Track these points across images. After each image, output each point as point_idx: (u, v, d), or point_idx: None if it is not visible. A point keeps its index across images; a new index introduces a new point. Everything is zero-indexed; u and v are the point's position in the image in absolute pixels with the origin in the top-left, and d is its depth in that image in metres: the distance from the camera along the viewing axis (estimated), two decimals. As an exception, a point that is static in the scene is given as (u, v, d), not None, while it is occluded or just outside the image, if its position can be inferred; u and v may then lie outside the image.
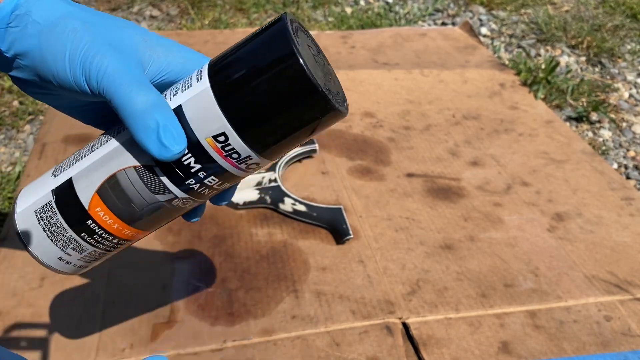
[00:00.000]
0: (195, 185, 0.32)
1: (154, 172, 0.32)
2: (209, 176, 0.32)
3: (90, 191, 0.34)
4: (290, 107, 0.29)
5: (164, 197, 0.33)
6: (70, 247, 0.35)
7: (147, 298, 0.65)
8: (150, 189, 0.33)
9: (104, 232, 0.35)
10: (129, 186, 0.33)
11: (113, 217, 0.34)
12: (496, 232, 0.77)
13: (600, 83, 1.25)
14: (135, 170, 0.32)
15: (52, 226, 0.35)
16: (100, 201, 0.33)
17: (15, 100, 1.09)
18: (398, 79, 1.13)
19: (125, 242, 0.37)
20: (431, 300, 0.66)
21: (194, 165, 0.31)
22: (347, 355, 0.59)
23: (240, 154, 0.31)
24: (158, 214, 0.34)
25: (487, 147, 0.94)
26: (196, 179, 0.32)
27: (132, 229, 0.35)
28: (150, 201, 0.33)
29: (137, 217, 0.34)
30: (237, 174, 0.33)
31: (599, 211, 0.81)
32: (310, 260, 0.71)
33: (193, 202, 0.34)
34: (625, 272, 0.71)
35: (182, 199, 0.33)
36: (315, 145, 0.87)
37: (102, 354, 0.58)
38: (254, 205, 0.77)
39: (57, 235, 0.35)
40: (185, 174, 0.32)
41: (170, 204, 0.34)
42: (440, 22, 1.53)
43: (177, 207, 0.34)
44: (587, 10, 1.57)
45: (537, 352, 0.61)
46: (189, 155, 0.31)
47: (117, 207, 0.33)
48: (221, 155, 0.31)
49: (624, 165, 1.02)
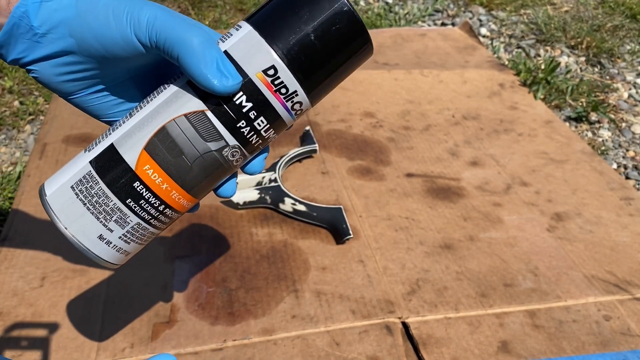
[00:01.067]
0: (245, 129, 0.33)
1: (205, 117, 0.32)
2: (259, 117, 0.33)
3: (137, 149, 0.33)
4: (335, 37, 0.32)
5: (216, 144, 0.33)
6: (113, 220, 0.34)
7: (147, 298, 0.65)
8: (203, 135, 0.32)
9: (151, 196, 0.33)
10: (179, 135, 0.32)
11: (163, 175, 0.33)
12: (496, 232, 0.77)
13: (600, 83, 1.25)
14: (186, 118, 0.32)
15: (93, 197, 0.33)
16: (148, 157, 0.33)
17: (15, 101, 1.09)
18: (398, 79, 1.13)
19: (171, 212, 0.35)
20: (431, 299, 0.66)
21: (246, 104, 0.32)
22: (347, 354, 0.59)
23: (288, 89, 0.32)
24: (207, 169, 0.34)
25: (486, 147, 0.94)
26: (247, 121, 0.33)
27: (180, 189, 0.34)
28: (201, 150, 0.33)
29: (186, 173, 0.33)
30: (284, 115, 0.34)
31: (599, 211, 0.81)
32: (310, 260, 0.71)
33: (241, 154, 0.34)
34: (625, 272, 0.71)
35: (232, 147, 0.33)
36: (315, 145, 0.87)
37: (102, 354, 0.58)
38: (254, 205, 0.78)
39: (98, 207, 0.33)
40: (237, 114, 0.32)
41: (221, 154, 0.33)
42: (440, 23, 1.53)
43: (226, 162, 0.34)
44: (586, 10, 1.57)
45: (536, 352, 0.61)
46: (241, 94, 0.32)
47: (167, 161, 0.33)
48: (271, 90, 0.32)
49: (624, 165, 1.02)
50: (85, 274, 0.67)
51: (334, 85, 0.35)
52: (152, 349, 0.59)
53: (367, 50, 0.34)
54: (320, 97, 0.35)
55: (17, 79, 1.14)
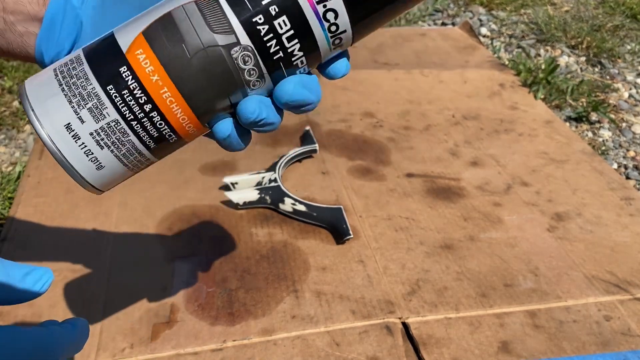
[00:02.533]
0: (262, 27, 0.27)
1: (217, 3, 0.27)
2: (281, 15, 0.27)
3: (134, 33, 0.28)
4: None
5: (224, 38, 0.27)
6: (86, 108, 0.28)
7: (147, 298, 0.65)
8: (210, 22, 0.27)
9: (137, 87, 0.27)
10: (184, 20, 0.27)
11: (155, 63, 0.27)
12: (496, 232, 0.77)
13: (600, 83, 1.25)
14: (195, 4, 0.27)
15: (72, 77, 0.28)
16: (143, 41, 0.27)
17: (15, 101, 1.09)
18: (398, 79, 1.13)
19: (159, 120, 0.29)
20: (431, 300, 0.66)
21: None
22: (347, 355, 0.59)
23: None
24: (210, 69, 0.28)
25: (487, 147, 0.94)
26: (265, 16, 0.27)
27: (173, 88, 0.28)
28: (206, 41, 0.27)
29: (184, 67, 0.28)
30: (313, 24, 0.27)
31: (599, 211, 0.81)
32: (310, 260, 0.71)
33: (254, 64, 0.28)
34: (625, 272, 0.71)
35: (243, 47, 0.27)
36: (315, 145, 0.87)
37: (102, 354, 0.58)
38: (254, 205, 0.77)
39: (74, 88, 0.28)
40: (254, 5, 0.27)
41: (229, 53, 0.27)
42: (440, 22, 1.53)
43: (235, 68, 0.28)
44: (587, 10, 1.57)
45: (536, 352, 0.61)
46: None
47: (164, 48, 0.27)
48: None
49: (624, 165, 1.02)
50: (85, 274, 0.67)
51: (379, 11, 0.28)
52: (152, 349, 0.59)
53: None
54: (362, 23, 0.28)
55: (17, 79, 1.14)
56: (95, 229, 0.74)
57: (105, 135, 0.28)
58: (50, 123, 0.28)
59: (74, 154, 0.28)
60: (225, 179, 0.78)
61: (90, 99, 0.27)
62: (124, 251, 0.71)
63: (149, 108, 0.28)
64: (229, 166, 0.86)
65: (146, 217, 0.76)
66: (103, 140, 0.28)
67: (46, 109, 0.28)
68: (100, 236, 0.73)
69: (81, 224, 0.74)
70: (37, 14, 0.32)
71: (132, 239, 0.73)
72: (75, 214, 0.76)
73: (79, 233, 0.73)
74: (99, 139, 0.28)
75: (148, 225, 0.75)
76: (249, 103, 0.29)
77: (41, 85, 0.28)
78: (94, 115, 0.28)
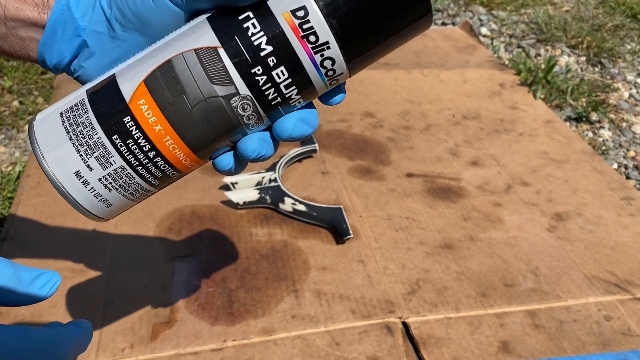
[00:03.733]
0: (261, 78, 0.28)
1: (216, 54, 0.28)
2: (279, 65, 0.28)
3: (136, 81, 0.29)
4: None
5: (224, 89, 0.28)
6: (94, 156, 0.29)
7: (147, 298, 0.65)
8: (210, 74, 0.28)
9: (141, 137, 0.29)
10: (184, 71, 0.28)
11: (158, 114, 0.28)
12: (496, 232, 0.77)
13: (600, 83, 1.25)
14: (195, 53, 0.28)
15: (78, 126, 0.29)
16: (145, 91, 0.28)
17: (15, 100, 1.09)
18: (398, 79, 1.13)
19: (163, 163, 0.30)
20: (431, 299, 0.66)
21: (265, 46, 0.28)
22: (347, 354, 0.59)
23: (318, 37, 0.27)
24: (210, 118, 0.29)
25: (487, 147, 0.94)
26: (264, 67, 0.28)
27: (175, 136, 0.29)
28: (206, 93, 0.28)
29: (185, 117, 0.29)
30: (310, 71, 0.28)
31: (599, 211, 0.81)
32: (310, 260, 0.71)
33: (253, 110, 0.29)
34: (625, 272, 0.71)
35: (242, 97, 0.28)
36: (315, 145, 0.87)
37: (102, 354, 0.58)
38: (254, 205, 0.77)
39: (81, 137, 0.29)
40: (253, 57, 0.28)
41: (229, 103, 0.29)
42: (440, 22, 1.53)
43: (235, 115, 0.29)
44: (587, 10, 1.57)
45: (537, 352, 0.61)
46: (261, 34, 0.27)
47: (165, 99, 0.28)
48: (297, 35, 0.27)
49: (624, 165, 1.02)
50: (85, 274, 0.67)
51: (375, 51, 0.29)
52: (152, 349, 0.59)
53: (426, 20, 0.28)
54: (359, 62, 0.29)
55: (16, 79, 1.14)
56: (95, 229, 0.74)
57: (113, 180, 0.30)
58: (61, 171, 0.29)
59: (85, 198, 0.30)
60: (225, 179, 0.78)
61: (97, 148, 0.29)
62: (124, 251, 0.71)
63: (152, 155, 0.29)
64: (229, 166, 0.86)
65: (146, 217, 0.76)
66: (111, 184, 0.30)
67: (56, 157, 0.29)
68: (100, 236, 0.73)
69: (81, 224, 0.74)
70: (38, 21, 0.32)
71: (132, 239, 0.73)
72: (75, 214, 0.76)
73: (79, 233, 0.73)
74: (107, 183, 0.30)
75: (148, 225, 0.75)
76: (249, 143, 0.31)
77: (49, 131, 0.30)
78: (102, 163, 0.29)
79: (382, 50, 0.29)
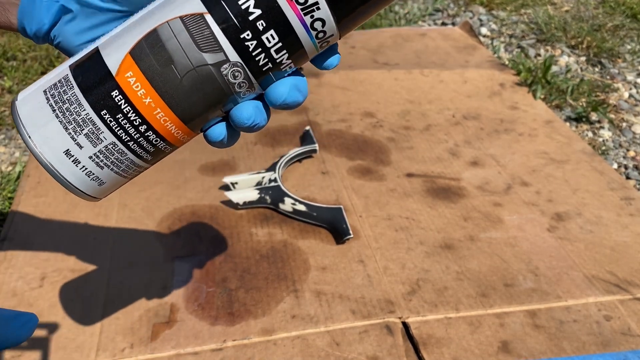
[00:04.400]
0: (250, 43, 0.27)
1: (203, 20, 0.27)
2: (269, 29, 0.27)
3: (122, 53, 0.28)
4: None
5: (213, 56, 0.27)
6: (83, 134, 0.28)
7: (146, 298, 0.65)
8: (198, 42, 0.27)
9: (131, 110, 0.28)
10: (171, 39, 0.27)
11: (147, 86, 0.28)
12: (496, 232, 0.77)
13: (600, 83, 1.25)
14: (181, 21, 0.27)
15: (64, 103, 0.28)
16: (132, 63, 0.27)
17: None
18: (398, 79, 1.13)
19: (155, 137, 0.29)
20: (431, 299, 0.66)
21: (253, 9, 0.26)
22: (347, 354, 0.59)
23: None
24: (201, 88, 0.28)
25: (487, 147, 0.94)
26: (254, 32, 0.27)
27: (166, 108, 0.28)
28: (195, 62, 0.27)
29: (175, 88, 0.28)
30: (301, 34, 0.28)
31: (599, 211, 0.81)
32: (310, 260, 0.71)
33: (244, 77, 0.28)
34: (625, 272, 0.71)
35: (232, 63, 0.27)
36: (315, 145, 0.87)
37: (102, 354, 0.58)
38: (254, 205, 0.77)
39: (69, 115, 0.28)
40: (242, 21, 0.27)
41: (219, 71, 0.28)
42: (440, 22, 1.53)
43: (226, 83, 0.28)
44: (587, 10, 1.57)
45: (537, 352, 0.61)
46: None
47: (153, 70, 0.27)
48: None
49: (624, 165, 1.02)
50: (85, 274, 0.67)
51: (365, 9, 0.28)
52: (152, 349, 0.59)
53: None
54: (349, 22, 0.29)
55: (16, 79, 1.14)
56: (95, 229, 0.74)
57: (104, 157, 0.29)
58: (50, 150, 0.28)
59: (76, 177, 0.29)
60: (225, 179, 0.78)
61: (86, 125, 0.28)
62: (124, 251, 0.71)
63: (144, 129, 0.29)
64: (228, 166, 0.86)
65: (146, 217, 0.76)
66: (103, 162, 0.29)
67: (44, 137, 0.28)
68: (100, 236, 0.73)
69: (81, 224, 0.74)
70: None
71: (132, 239, 0.73)
72: (75, 214, 0.76)
73: (79, 233, 0.73)
74: (98, 161, 0.29)
75: (148, 225, 0.75)
76: (244, 109, 0.30)
77: (34, 110, 0.29)
78: (92, 140, 0.28)
79: (371, 7, 0.28)
